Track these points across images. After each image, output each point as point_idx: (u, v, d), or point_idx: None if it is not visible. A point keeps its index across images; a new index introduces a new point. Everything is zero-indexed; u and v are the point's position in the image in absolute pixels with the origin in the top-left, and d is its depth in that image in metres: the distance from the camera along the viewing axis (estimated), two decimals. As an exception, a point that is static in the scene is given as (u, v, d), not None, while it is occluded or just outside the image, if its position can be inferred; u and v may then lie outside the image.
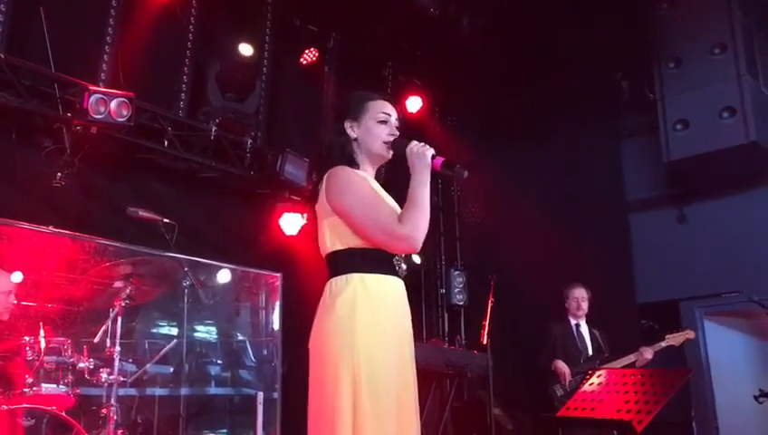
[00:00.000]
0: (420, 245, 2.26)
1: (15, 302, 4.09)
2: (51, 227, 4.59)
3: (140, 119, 5.15)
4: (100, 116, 4.68)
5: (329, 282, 2.30)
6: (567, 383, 5.22)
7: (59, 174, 4.70)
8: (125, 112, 4.76)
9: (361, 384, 2.12)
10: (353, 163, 2.40)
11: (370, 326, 2.19)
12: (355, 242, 2.28)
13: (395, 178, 2.55)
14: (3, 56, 4.56)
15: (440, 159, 2.31)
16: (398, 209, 2.34)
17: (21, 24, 4.75)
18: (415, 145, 2.34)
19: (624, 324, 6.27)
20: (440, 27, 6.48)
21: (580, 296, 5.63)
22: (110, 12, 5.18)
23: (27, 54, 4.76)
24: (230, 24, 6.08)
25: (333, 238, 2.31)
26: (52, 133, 4.85)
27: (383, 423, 2.10)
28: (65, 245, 4.69)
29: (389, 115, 2.44)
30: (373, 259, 2.27)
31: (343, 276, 2.26)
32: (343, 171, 2.34)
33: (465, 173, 2.29)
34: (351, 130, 2.43)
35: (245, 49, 5.77)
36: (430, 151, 2.33)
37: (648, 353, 5.21)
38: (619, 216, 6.83)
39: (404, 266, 2.35)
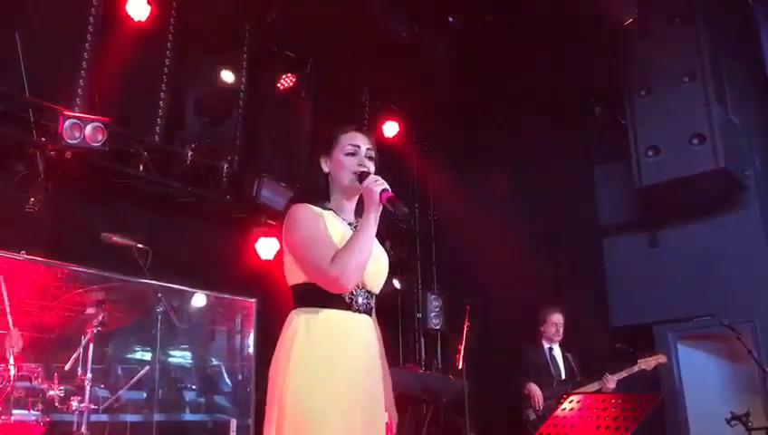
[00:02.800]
0: (349, 285, 2.21)
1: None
2: (23, 253, 4.54)
3: (116, 143, 5.14)
4: (74, 141, 4.66)
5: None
6: (539, 407, 5.23)
7: (32, 199, 4.68)
8: (100, 137, 4.75)
9: (283, 422, 2.13)
10: (326, 199, 2.40)
11: (303, 362, 2.18)
12: (301, 277, 2.28)
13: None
14: (-24, 81, 4.55)
15: (386, 196, 2.23)
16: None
17: (-5, 49, 4.74)
18: (368, 181, 2.27)
19: (598, 348, 6.33)
20: (416, 54, 6.57)
21: (558, 322, 5.66)
22: (86, 36, 5.17)
23: (1, 79, 4.74)
24: (207, 49, 6.10)
25: (289, 273, 2.33)
26: (25, 158, 4.83)
27: None
28: (37, 271, 4.63)
29: (358, 147, 2.39)
30: (322, 295, 2.24)
31: (294, 311, 2.29)
32: (297, 209, 2.34)
33: (406, 210, 2.25)
34: (325, 165, 2.42)
35: (227, 76, 5.80)
36: (379, 188, 2.24)
37: (611, 383, 5.23)
38: (592, 240, 6.91)
39: (360, 300, 2.29)
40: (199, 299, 6.04)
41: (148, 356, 5.52)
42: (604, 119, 6.97)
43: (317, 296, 2.24)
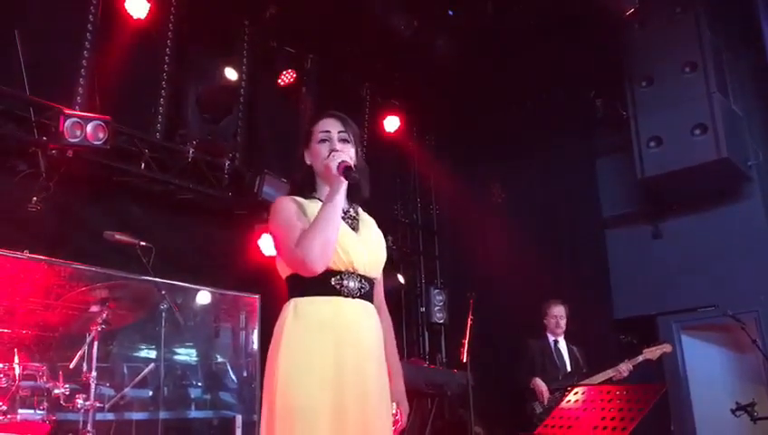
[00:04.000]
0: (317, 265, 2.16)
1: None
2: (26, 253, 4.54)
3: (117, 141, 5.12)
4: (75, 139, 4.65)
5: None
6: (545, 401, 5.24)
7: (34, 198, 4.67)
8: (101, 135, 4.74)
9: (274, 410, 2.13)
10: (313, 190, 2.41)
11: (291, 350, 2.18)
12: (290, 269, 2.28)
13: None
14: (-24, 80, 4.54)
15: (342, 166, 2.24)
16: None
17: (-5, 47, 4.73)
18: (328, 159, 2.29)
19: (602, 340, 6.33)
20: (416, 48, 6.56)
21: (558, 314, 5.66)
22: (86, 35, 5.16)
23: (1, 78, 4.72)
24: (207, 46, 6.10)
25: (279, 266, 2.35)
26: (27, 157, 4.81)
27: None
28: (40, 270, 4.64)
29: (329, 132, 2.39)
30: (309, 283, 2.23)
31: (286, 303, 2.29)
32: (276, 202, 2.36)
33: (356, 176, 2.24)
34: (307, 158, 2.43)
35: (230, 73, 5.79)
36: (336, 161, 2.26)
37: (625, 370, 5.23)
38: (595, 232, 6.92)
39: (351, 284, 2.26)
40: (203, 296, 6.04)
41: (152, 354, 5.53)
42: (605, 110, 6.97)
43: (305, 285, 2.24)
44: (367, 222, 2.47)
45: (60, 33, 5.13)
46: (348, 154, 2.33)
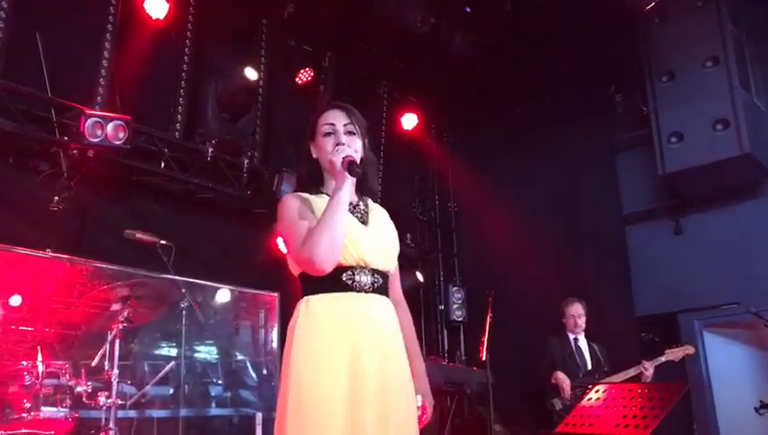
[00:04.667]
0: (324, 264, 2.13)
1: (3, 312, 4.09)
2: (48, 251, 4.60)
3: (137, 141, 5.18)
4: (96, 139, 4.70)
5: None
6: (567, 394, 5.20)
7: (56, 198, 4.72)
8: (121, 135, 4.79)
9: (286, 408, 2.12)
10: (320, 184, 2.38)
11: (304, 347, 2.17)
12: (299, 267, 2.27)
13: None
14: (-1, 82, 4.60)
15: (346, 160, 2.19)
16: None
17: (17, 48, 4.78)
18: (332, 153, 2.25)
19: (623, 338, 6.27)
20: (434, 45, 6.54)
21: (576, 313, 5.62)
22: (106, 36, 5.22)
23: (23, 79, 4.78)
24: (225, 45, 6.13)
25: (291, 264, 2.32)
26: (48, 157, 4.88)
27: None
28: (63, 269, 4.69)
29: (333, 124, 2.33)
30: (319, 280, 2.20)
31: (299, 302, 2.27)
32: (282, 201, 2.34)
33: (359, 171, 2.20)
34: (313, 152, 2.39)
35: (250, 73, 5.80)
36: (339, 156, 2.21)
37: (650, 370, 5.18)
38: (615, 229, 6.85)
39: (363, 279, 2.22)
40: (223, 294, 6.08)
41: (173, 352, 5.57)
42: (625, 106, 6.90)
43: (316, 283, 2.21)
44: (378, 214, 2.42)
45: (80, 35, 5.19)
46: (353, 147, 2.29)
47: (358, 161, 2.25)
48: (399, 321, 2.36)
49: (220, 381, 6.12)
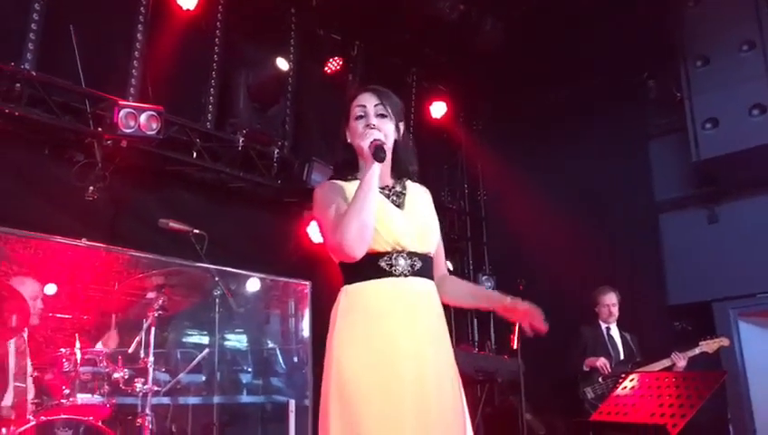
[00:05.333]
0: (354, 250, 2.11)
1: (42, 307, 4.17)
2: (84, 241, 4.68)
3: (169, 131, 5.22)
4: (130, 130, 4.75)
5: None
6: (608, 370, 5.17)
7: (91, 188, 4.79)
8: (154, 126, 4.83)
9: (329, 396, 2.13)
10: (356, 170, 2.33)
11: (343, 334, 2.18)
12: None
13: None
14: (35, 73, 4.67)
15: (373, 145, 2.15)
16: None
17: (51, 41, 4.84)
18: (361, 137, 2.22)
19: (656, 327, 6.21)
20: (463, 31, 6.49)
21: (610, 302, 5.57)
22: (138, 27, 5.27)
23: (58, 71, 4.85)
24: (255, 35, 6.16)
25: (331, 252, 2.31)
26: (83, 148, 4.94)
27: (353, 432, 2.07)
28: (99, 257, 4.77)
29: (364, 106, 2.29)
30: (357, 267, 2.19)
31: (341, 290, 2.27)
32: (316, 189, 2.34)
33: (382, 155, 2.15)
34: (347, 136, 2.35)
35: (282, 63, 5.81)
36: (367, 141, 2.18)
37: (681, 362, 5.12)
38: (648, 216, 6.77)
39: (402, 263, 2.20)
40: (254, 283, 6.14)
41: (204, 340, 5.65)
42: (658, 92, 6.80)
43: (355, 270, 2.21)
44: (416, 195, 2.38)
45: (113, 27, 5.25)
46: (384, 130, 2.25)
47: (387, 144, 2.23)
48: (456, 283, 2.40)
49: (252, 369, 6.19)
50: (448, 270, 2.58)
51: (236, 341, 6.24)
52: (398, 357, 2.13)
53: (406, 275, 2.21)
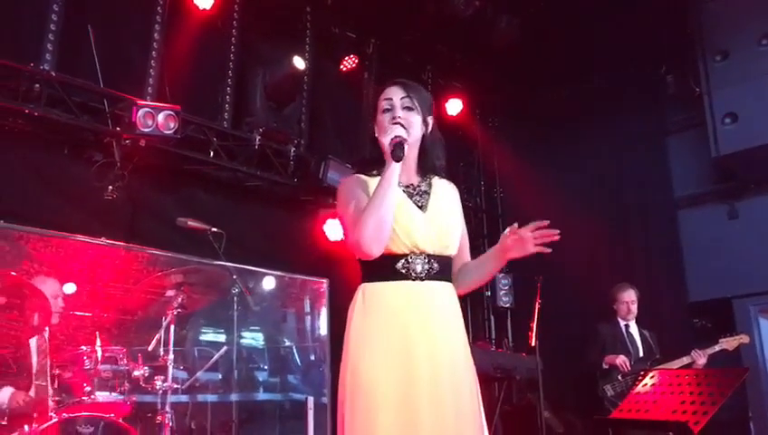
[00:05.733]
0: (370, 248, 2.13)
1: (63, 305, 4.21)
2: (103, 239, 4.72)
3: (186, 130, 5.25)
4: (148, 129, 4.78)
5: None
6: (628, 368, 5.14)
7: (110, 187, 4.83)
8: (172, 125, 4.86)
9: (345, 395, 2.15)
10: (381, 166, 2.27)
11: (358, 333, 2.19)
12: None
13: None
14: (54, 74, 4.71)
15: (394, 141, 2.16)
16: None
17: (70, 42, 4.88)
18: (383, 134, 2.22)
19: (676, 324, 6.17)
20: (478, 28, 6.47)
21: (629, 299, 5.54)
22: (155, 27, 5.30)
23: (77, 71, 4.89)
24: (271, 33, 6.18)
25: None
26: (102, 147, 4.98)
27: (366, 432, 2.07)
28: (118, 256, 4.81)
29: (391, 99, 2.29)
30: (375, 267, 2.21)
31: (358, 288, 2.28)
32: (341, 183, 2.36)
33: (400, 154, 2.14)
34: (375, 132, 2.34)
35: (299, 62, 5.82)
36: (388, 137, 2.18)
37: (701, 359, 5.08)
38: (667, 213, 6.71)
39: (419, 267, 2.20)
40: (271, 281, 6.16)
41: (221, 338, 5.67)
42: (676, 87, 6.75)
43: (372, 270, 2.23)
44: (441, 194, 2.35)
45: (130, 27, 5.29)
46: (410, 124, 2.24)
47: (409, 141, 2.21)
48: (465, 269, 2.36)
49: (270, 367, 6.21)
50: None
51: (254, 338, 6.26)
52: (413, 360, 2.13)
53: (422, 279, 2.21)
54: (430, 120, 2.36)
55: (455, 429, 2.10)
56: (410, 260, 2.21)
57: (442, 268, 2.26)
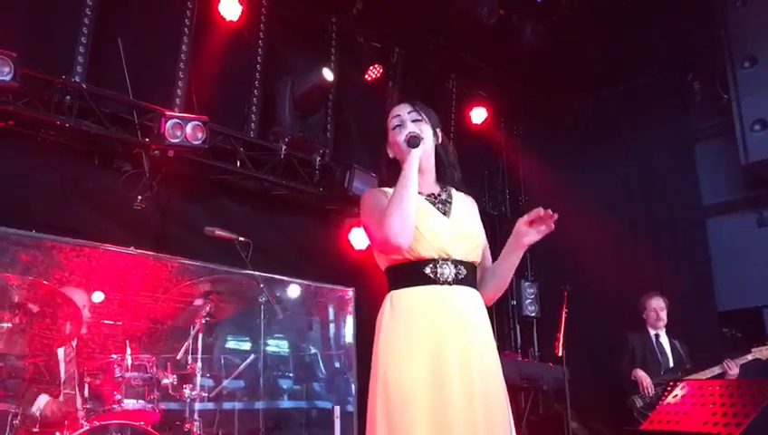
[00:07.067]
0: (399, 239, 2.16)
1: (90, 316, 4.26)
2: (132, 248, 4.78)
3: (214, 141, 5.31)
4: (176, 140, 4.85)
5: None
6: (648, 392, 5.08)
7: (139, 197, 4.90)
8: (200, 135, 4.93)
9: (376, 401, 2.16)
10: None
11: (389, 341, 2.21)
12: (385, 261, 2.30)
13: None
14: (84, 86, 4.80)
15: (408, 136, 2.26)
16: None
17: (100, 54, 4.98)
18: (401, 134, 2.31)
19: (705, 334, 6.07)
20: (502, 36, 6.46)
21: (658, 307, 5.47)
22: (183, 39, 5.38)
23: (107, 83, 4.99)
24: (296, 44, 6.23)
25: (377, 258, 2.36)
26: (131, 158, 5.06)
27: None
28: (147, 265, 4.87)
29: (400, 116, 2.38)
30: (402, 274, 2.25)
31: (386, 296, 2.30)
32: (363, 195, 2.43)
33: (417, 144, 2.24)
34: (390, 151, 2.42)
35: (328, 74, 5.85)
36: (402, 135, 2.29)
37: (734, 369, 5.00)
38: (695, 221, 6.62)
39: (446, 271, 2.22)
40: (297, 290, 6.18)
41: (245, 346, 5.69)
42: (704, 93, 6.67)
43: (400, 276, 2.25)
44: (462, 204, 2.41)
45: (158, 39, 5.38)
46: (422, 132, 2.31)
47: (424, 145, 2.29)
48: (487, 273, 2.38)
49: (296, 375, 6.23)
50: None
51: (280, 347, 6.29)
52: (444, 363, 2.14)
53: (450, 284, 2.23)
54: (439, 132, 2.43)
55: (485, 431, 2.10)
56: (438, 265, 2.23)
57: (469, 275, 2.28)
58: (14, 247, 4.36)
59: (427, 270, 2.22)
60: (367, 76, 6.67)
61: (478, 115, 7.45)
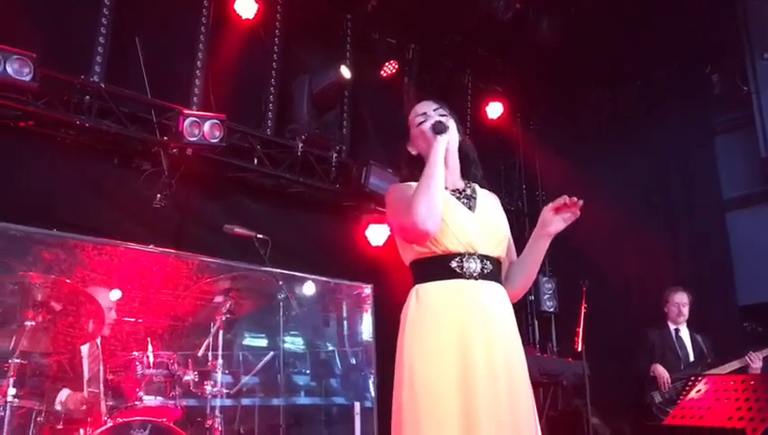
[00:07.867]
0: (426, 224, 2.14)
1: (116, 317, 4.30)
2: (152, 246, 4.81)
3: (231, 139, 5.34)
4: (194, 138, 4.88)
5: None
6: (666, 387, 5.05)
7: (158, 195, 4.93)
8: (217, 134, 4.96)
9: (401, 397, 2.15)
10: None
11: (415, 335, 2.20)
12: (411, 254, 2.29)
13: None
14: (103, 85, 4.84)
15: (432, 124, 2.28)
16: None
17: (118, 54, 5.03)
18: (427, 122, 2.31)
19: (725, 328, 6.02)
20: (519, 31, 6.43)
21: (681, 302, 5.42)
22: (200, 38, 5.41)
23: (125, 83, 5.04)
24: (312, 41, 6.24)
25: (402, 253, 2.36)
26: (150, 157, 5.10)
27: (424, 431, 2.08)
28: (168, 263, 4.90)
29: (425, 113, 2.38)
30: (428, 267, 2.24)
31: (411, 290, 2.29)
32: (389, 190, 2.42)
33: (441, 131, 2.25)
34: (411, 149, 2.42)
35: (345, 72, 5.86)
36: (430, 122, 2.30)
37: (757, 362, 4.95)
38: (715, 215, 6.56)
39: (472, 266, 2.20)
40: (315, 286, 6.20)
41: (263, 343, 5.71)
42: (723, 86, 6.61)
43: (426, 270, 2.25)
44: (486, 200, 2.41)
45: (175, 39, 5.42)
46: (448, 123, 2.32)
47: (449, 137, 2.29)
48: (512, 268, 2.37)
49: (314, 372, 6.24)
50: None
51: (298, 344, 6.31)
52: (471, 357, 2.13)
53: (476, 278, 2.22)
54: (460, 129, 2.43)
55: (511, 425, 2.09)
56: (464, 259, 2.22)
57: (494, 269, 2.27)
58: (37, 246, 4.40)
59: (454, 264, 2.22)
60: (382, 72, 6.67)
61: (494, 110, 7.42)
